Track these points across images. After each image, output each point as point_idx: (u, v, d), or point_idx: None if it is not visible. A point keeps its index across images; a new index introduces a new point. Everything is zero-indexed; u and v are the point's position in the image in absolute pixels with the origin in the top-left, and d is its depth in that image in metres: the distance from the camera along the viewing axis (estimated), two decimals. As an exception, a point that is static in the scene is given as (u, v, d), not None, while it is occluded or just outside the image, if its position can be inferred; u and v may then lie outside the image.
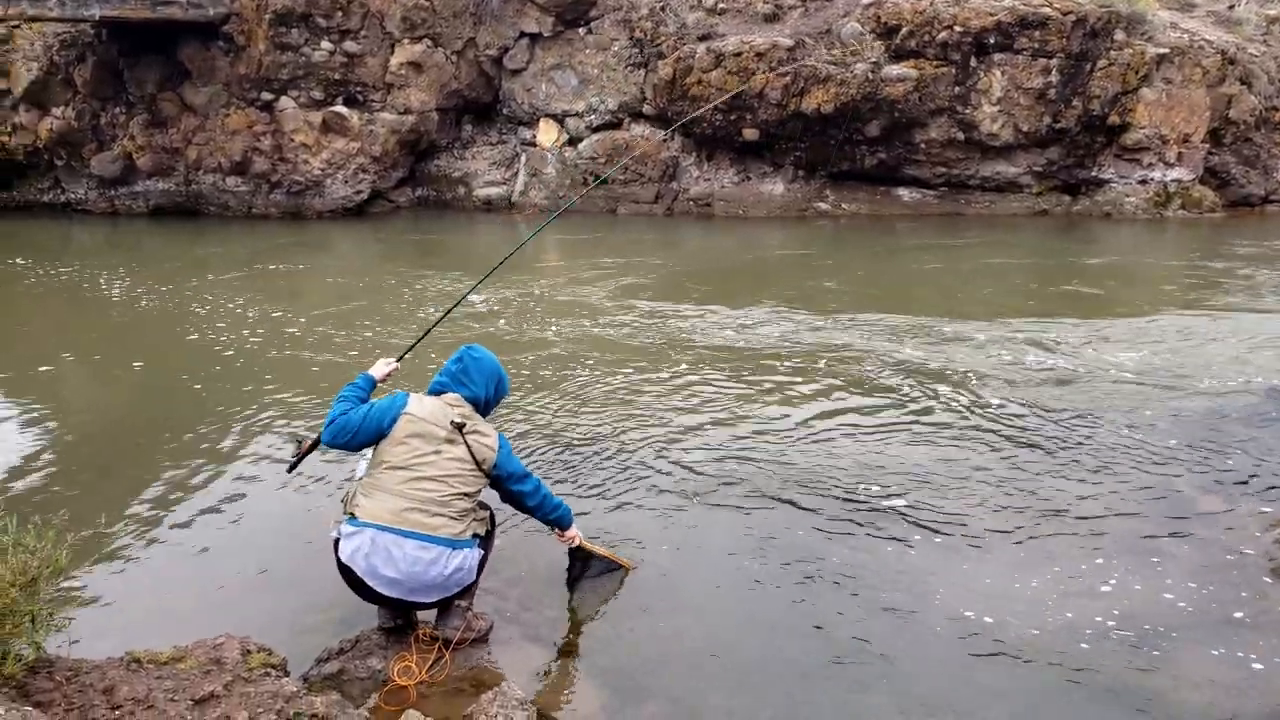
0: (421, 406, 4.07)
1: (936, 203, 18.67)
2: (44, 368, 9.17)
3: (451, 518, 3.95)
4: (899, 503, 5.64)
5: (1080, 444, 6.49)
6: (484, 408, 4.25)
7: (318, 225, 19.79)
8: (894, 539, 5.22)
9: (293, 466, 4.54)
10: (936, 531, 5.29)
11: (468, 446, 4.03)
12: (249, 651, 3.64)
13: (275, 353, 9.43)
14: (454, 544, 3.93)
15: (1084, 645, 4.23)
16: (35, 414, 7.63)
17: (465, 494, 4.02)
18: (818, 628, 4.39)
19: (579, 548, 4.62)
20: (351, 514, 3.94)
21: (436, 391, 4.23)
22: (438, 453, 3.99)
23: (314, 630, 4.38)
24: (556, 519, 4.39)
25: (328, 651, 4.13)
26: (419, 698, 3.86)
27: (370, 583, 3.90)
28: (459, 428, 4.03)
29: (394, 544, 3.84)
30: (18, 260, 14.96)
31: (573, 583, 4.70)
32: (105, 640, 3.76)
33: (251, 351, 9.47)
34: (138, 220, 20.83)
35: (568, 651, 4.27)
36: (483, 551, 4.15)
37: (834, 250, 9.69)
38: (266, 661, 3.62)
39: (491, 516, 4.31)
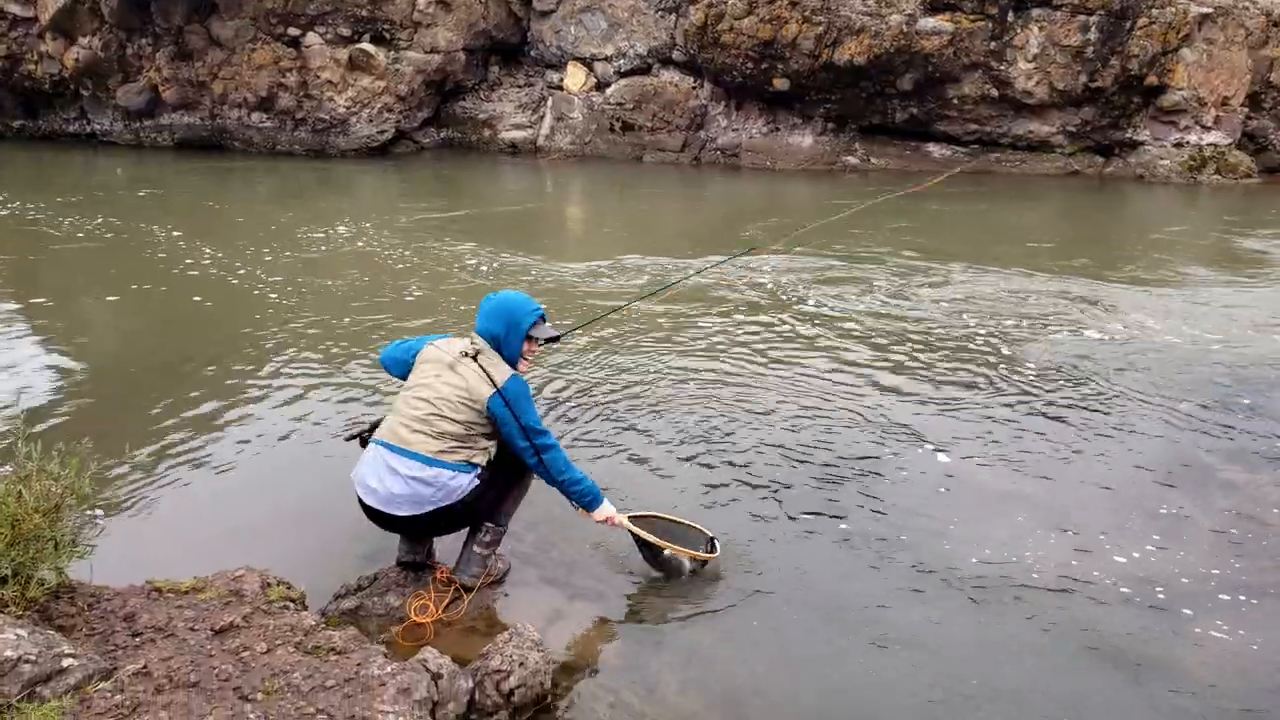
0: (446, 341, 4.19)
1: (967, 160, 18.41)
2: (68, 301, 9.21)
3: (429, 435, 3.93)
4: (911, 459, 5.61)
5: (1101, 408, 6.42)
6: (502, 345, 4.12)
7: (341, 164, 19.72)
8: (907, 495, 5.19)
9: (351, 438, 4.50)
10: (954, 490, 5.27)
11: (464, 376, 4.00)
12: (269, 584, 3.66)
13: (302, 289, 9.43)
14: (429, 461, 3.91)
15: (1098, 609, 4.21)
16: (60, 346, 7.68)
17: (451, 419, 3.96)
18: (856, 590, 4.36)
19: (636, 534, 4.29)
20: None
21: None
22: (438, 376, 4.04)
23: (334, 567, 4.40)
24: (576, 495, 4.17)
25: (346, 588, 4.16)
26: (435, 636, 3.89)
27: (359, 493, 4.02)
28: (469, 356, 4.05)
29: (382, 455, 3.97)
30: (42, 192, 14.98)
31: (653, 562, 4.41)
32: (127, 569, 3.78)
33: (278, 287, 9.48)
34: (163, 153, 20.82)
35: (585, 596, 4.27)
36: (478, 480, 4.02)
37: (861, 202, 9.57)
38: (286, 595, 3.64)
39: (521, 470, 4.22)
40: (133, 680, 2.94)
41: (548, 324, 4.31)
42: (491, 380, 3.98)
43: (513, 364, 4.12)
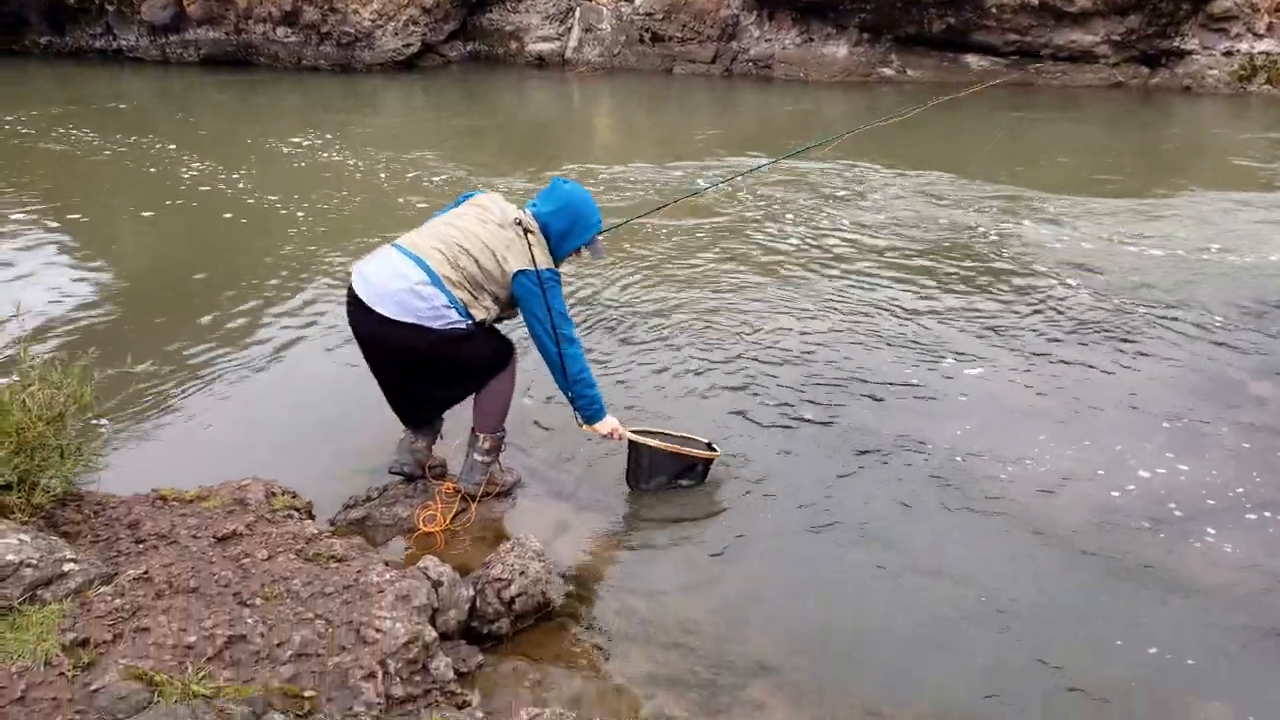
0: (503, 200, 4.07)
1: (1006, 71, 17.81)
2: (95, 215, 9.22)
3: (447, 259, 3.80)
4: (930, 371, 5.50)
5: (1131, 323, 6.25)
6: (553, 238, 4.01)
7: (367, 79, 19.49)
8: (924, 406, 5.10)
9: None
10: (973, 402, 5.17)
11: (508, 237, 3.88)
12: (273, 494, 3.68)
13: (327, 206, 9.38)
14: (434, 279, 3.76)
15: (1116, 525, 4.13)
16: (84, 260, 7.70)
17: (476, 260, 3.83)
18: (865, 502, 4.31)
19: (634, 442, 4.26)
20: None
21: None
22: (483, 222, 3.92)
23: (345, 480, 4.40)
24: (584, 401, 4.06)
25: (354, 499, 4.17)
26: (444, 546, 3.90)
27: (352, 282, 3.89)
28: (520, 226, 3.92)
29: (392, 255, 3.86)
30: (69, 108, 14.95)
31: (637, 482, 4.35)
32: (134, 479, 3.80)
33: (302, 202, 9.43)
34: (189, 69, 20.66)
35: (591, 509, 4.26)
36: (468, 330, 3.82)
37: (898, 114, 9.24)
38: (290, 504, 3.65)
39: (508, 347, 4.10)
40: (133, 585, 2.96)
41: (602, 240, 4.24)
42: (533, 259, 3.87)
43: (554, 259, 4.02)
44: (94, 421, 4.30)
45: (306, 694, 2.69)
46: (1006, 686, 3.22)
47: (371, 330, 3.86)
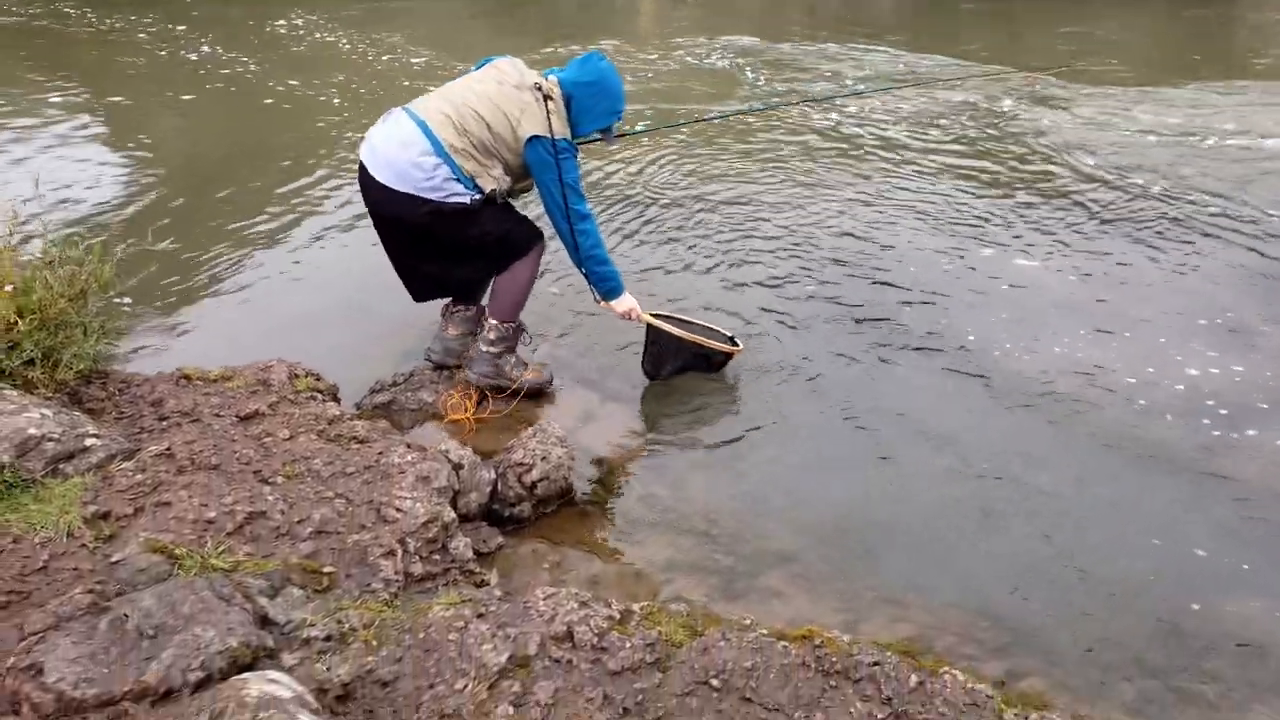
0: (524, 66, 3.85)
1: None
2: (130, 99, 9.15)
3: (454, 126, 3.63)
4: (973, 262, 5.34)
5: (1179, 218, 6.02)
6: (575, 111, 3.80)
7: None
8: (973, 303, 4.97)
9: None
10: (1016, 294, 5.02)
11: (524, 100, 3.67)
12: (297, 376, 3.66)
13: (365, 91, 9.22)
14: (438, 148, 3.60)
15: (1158, 419, 4.03)
16: (116, 144, 7.65)
17: (486, 124, 3.64)
18: (898, 393, 4.23)
19: (652, 326, 4.12)
20: None
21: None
22: (500, 84, 3.72)
23: (372, 365, 4.38)
24: (599, 278, 3.93)
25: (380, 383, 4.15)
26: (472, 433, 3.89)
27: (360, 149, 3.79)
28: (540, 90, 3.69)
29: (400, 121, 3.71)
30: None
31: (653, 371, 4.23)
32: (158, 359, 3.81)
33: (341, 89, 9.29)
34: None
35: (617, 399, 4.21)
36: (472, 204, 3.66)
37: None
38: (314, 386, 3.64)
39: (532, 233, 3.92)
40: (155, 461, 2.98)
41: (617, 128, 4.04)
42: (550, 126, 3.66)
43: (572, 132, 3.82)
44: (116, 300, 4.30)
45: (325, 570, 2.70)
46: (1033, 580, 3.17)
47: (376, 200, 3.77)
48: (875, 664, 2.47)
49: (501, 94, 3.69)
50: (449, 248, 3.87)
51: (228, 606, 2.38)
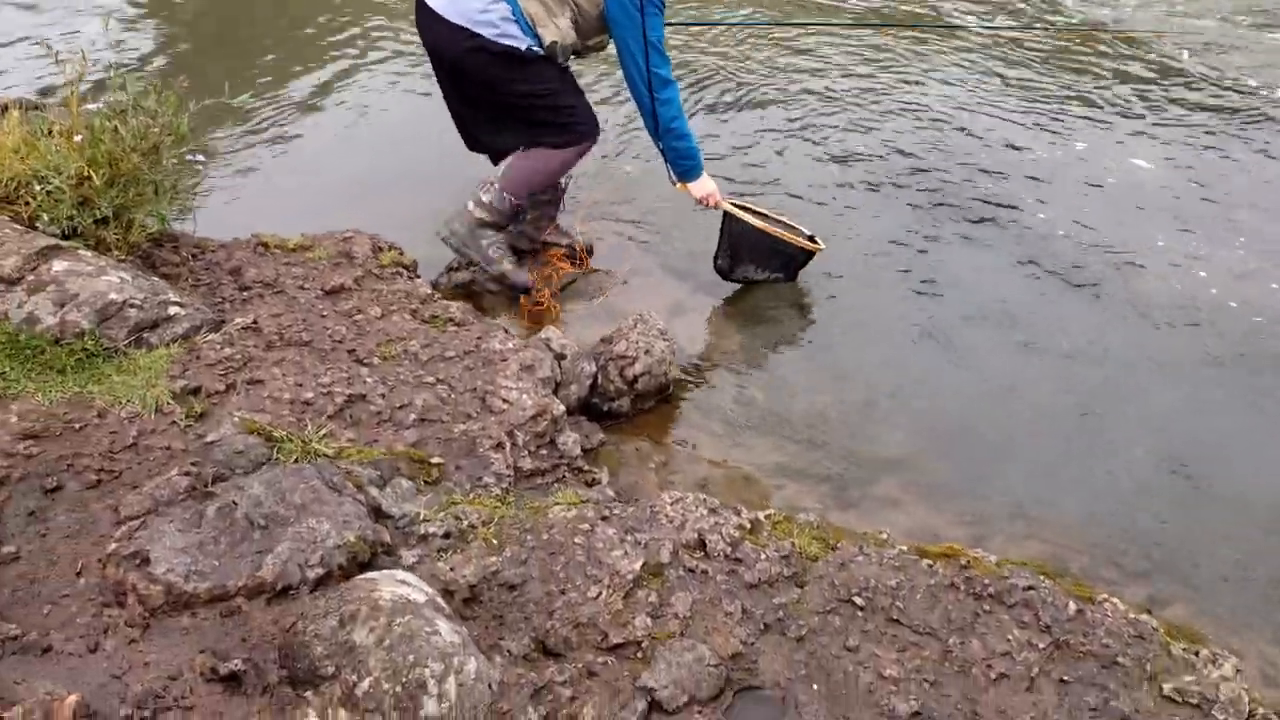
0: None
1: None
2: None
3: None
4: (1080, 163, 5.03)
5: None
6: None
7: None
8: (1079, 203, 4.68)
9: None
10: (1127, 196, 4.73)
11: None
12: (380, 249, 3.42)
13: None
14: None
15: (1260, 330, 3.81)
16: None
17: None
18: (1006, 293, 3.99)
19: (730, 215, 3.74)
20: None
21: None
22: None
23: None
24: (678, 153, 3.53)
25: (458, 261, 3.89)
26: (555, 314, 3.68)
27: None
28: None
29: None
30: None
31: (726, 268, 3.89)
32: (230, 223, 3.56)
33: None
34: None
35: (707, 289, 3.95)
36: (528, 54, 3.27)
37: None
38: (398, 260, 3.40)
39: (587, 120, 3.53)
40: (242, 334, 2.77)
41: None
42: None
43: None
44: (189, 157, 4.02)
45: (434, 460, 2.52)
46: (1165, 499, 2.99)
47: (423, 25, 3.37)
48: (1029, 588, 2.31)
49: None
50: (490, 101, 3.44)
51: (340, 497, 2.20)
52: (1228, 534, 2.88)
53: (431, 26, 3.32)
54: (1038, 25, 7.01)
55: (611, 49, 3.51)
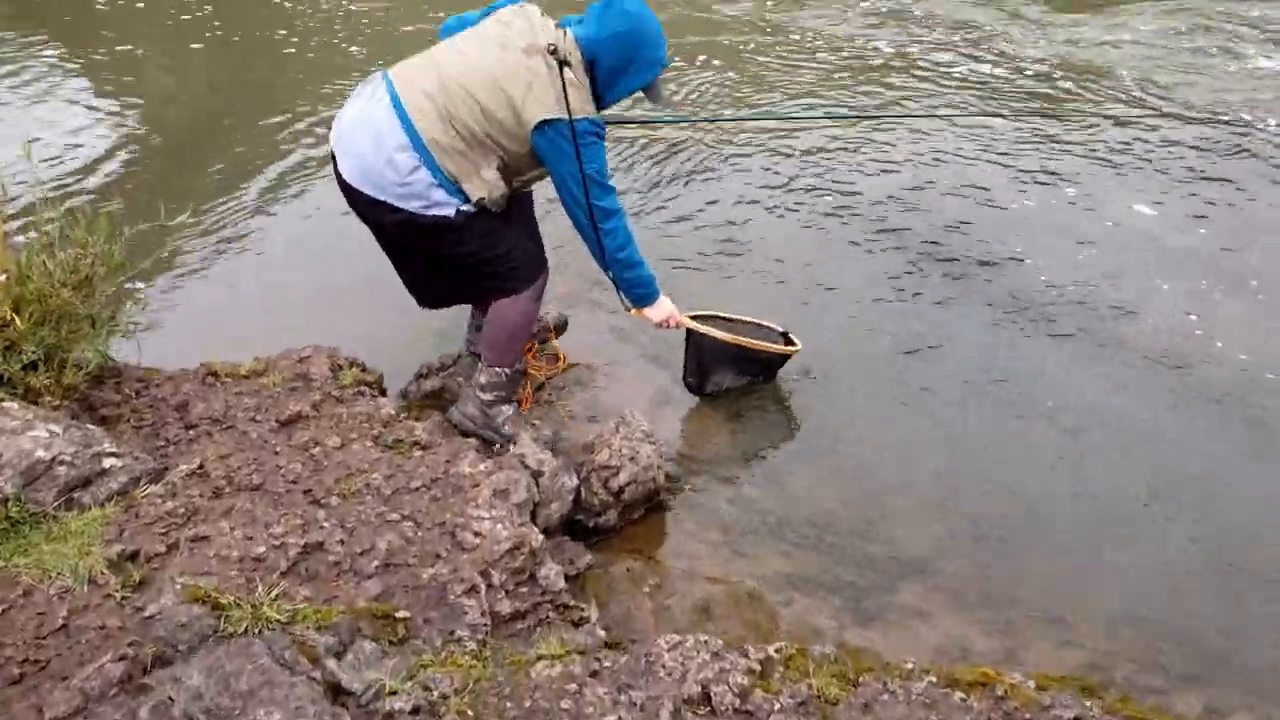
0: (536, 17, 2.95)
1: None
2: (105, 52, 8.54)
3: (437, 114, 2.82)
4: (1080, 217, 4.85)
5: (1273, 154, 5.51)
6: (602, 73, 2.96)
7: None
8: (1078, 256, 4.48)
9: None
10: (1128, 247, 4.54)
11: (532, 70, 2.81)
12: (340, 367, 3.18)
13: (357, 39, 8.61)
14: (418, 147, 2.81)
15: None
16: (97, 100, 7.06)
17: (481, 110, 2.81)
18: (1014, 365, 3.77)
19: (695, 331, 3.41)
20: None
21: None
22: (503, 48, 2.87)
23: (408, 347, 3.90)
24: (630, 282, 3.14)
25: (427, 367, 3.66)
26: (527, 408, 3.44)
27: (331, 135, 3.00)
28: (553, 56, 2.82)
29: (382, 100, 2.88)
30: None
31: (696, 384, 3.57)
32: (177, 349, 3.34)
33: (332, 32, 8.67)
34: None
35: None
36: (457, 216, 2.88)
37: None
38: (360, 378, 3.16)
39: (531, 260, 3.13)
40: (186, 483, 2.52)
41: (660, 83, 3.10)
42: (566, 102, 2.81)
43: (598, 104, 2.98)
44: (128, 285, 3.79)
45: (399, 614, 2.26)
46: (1212, 591, 2.75)
47: (351, 201, 3.00)
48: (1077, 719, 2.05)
49: (503, 64, 2.84)
50: (431, 264, 3.14)
51: (293, 677, 1.95)
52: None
53: (351, 195, 2.98)
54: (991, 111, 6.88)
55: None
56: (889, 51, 7.49)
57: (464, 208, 2.89)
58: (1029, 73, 6.96)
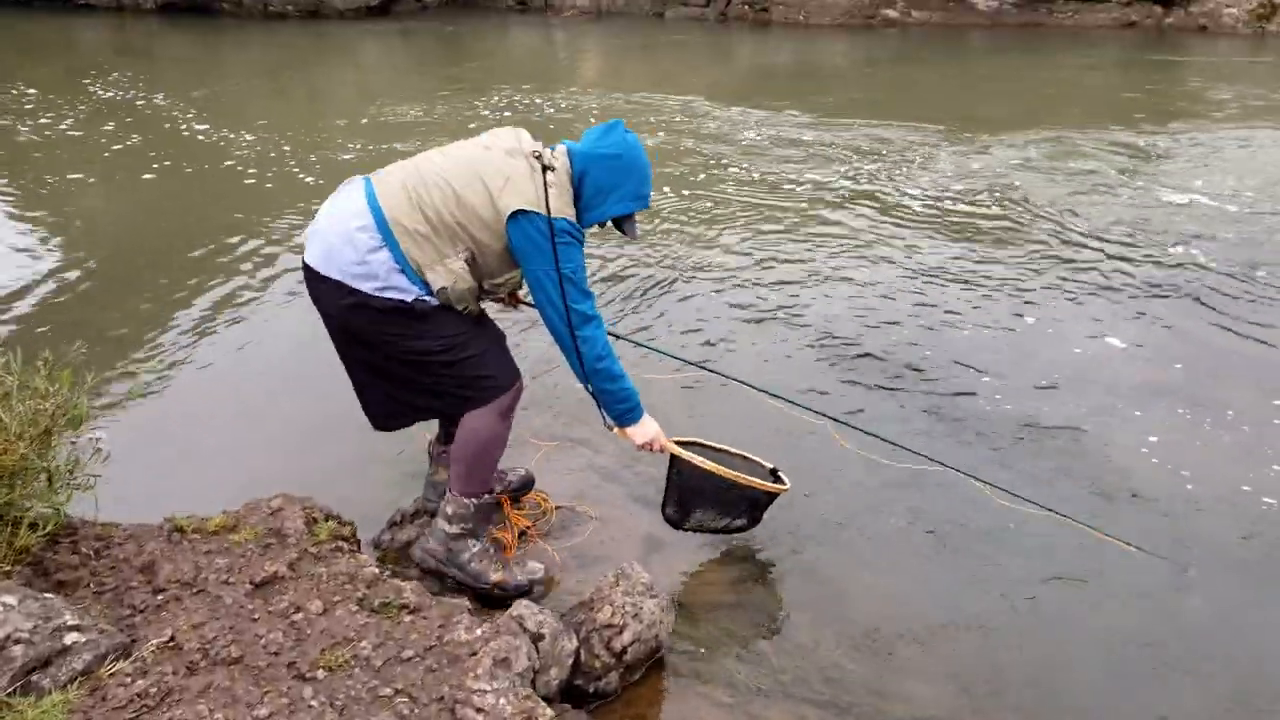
0: (527, 139, 2.94)
1: (1016, 12, 17.08)
2: (53, 180, 8.36)
3: (411, 198, 2.76)
4: (1058, 349, 4.88)
5: (1181, 278, 5.67)
6: (588, 190, 2.91)
7: (339, 26, 18.44)
8: (1057, 393, 4.48)
9: None
10: (1112, 383, 4.56)
11: (512, 167, 2.79)
12: (314, 520, 2.98)
13: (299, 162, 8.58)
14: (383, 222, 2.73)
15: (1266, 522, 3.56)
16: (45, 232, 6.86)
17: (457, 196, 2.75)
18: (1021, 510, 3.69)
19: (677, 458, 3.21)
20: None
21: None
22: (486, 149, 2.86)
23: (376, 487, 3.73)
24: (611, 397, 2.98)
25: (401, 514, 3.48)
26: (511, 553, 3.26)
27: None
28: (539, 160, 2.82)
29: (358, 190, 2.85)
30: (20, 62, 13.89)
31: (676, 518, 3.35)
32: (136, 494, 3.12)
33: (273, 159, 8.62)
34: (146, 19, 19.49)
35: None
36: (416, 307, 2.77)
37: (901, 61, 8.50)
38: (336, 532, 2.96)
39: (500, 369, 2.97)
40: (157, 657, 2.29)
41: (636, 220, 3.09)
42: (546, 202, 2.75)
43: (578, 219, 2.92)
44: (90, 436, 3.57)
45: (401, 812, 2.04)
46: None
47: (313, 291, 2.90)
48: None
49: (485, 159, 2.82)
50: (387, 365, 2.95)
51: None
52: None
53: (312, 283, 2.86)
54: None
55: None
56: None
57: (424, 296, 2.78)
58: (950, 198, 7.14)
